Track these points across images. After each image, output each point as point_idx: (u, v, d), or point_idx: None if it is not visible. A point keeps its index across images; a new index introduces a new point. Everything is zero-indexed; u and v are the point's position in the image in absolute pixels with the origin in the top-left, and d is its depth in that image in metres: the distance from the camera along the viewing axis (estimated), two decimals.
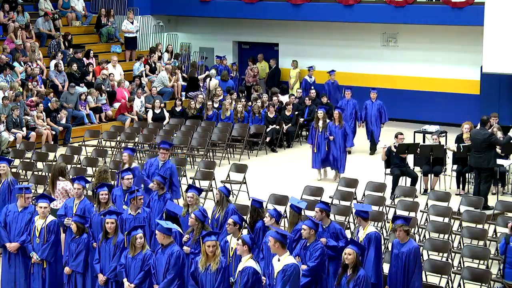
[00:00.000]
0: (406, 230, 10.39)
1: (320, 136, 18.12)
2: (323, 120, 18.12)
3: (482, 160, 15.56)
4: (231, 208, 11.90)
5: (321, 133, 18.11)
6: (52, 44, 24.68)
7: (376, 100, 20.79)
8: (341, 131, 18.07)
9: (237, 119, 21.60)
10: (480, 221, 13.70)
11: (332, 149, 18.07)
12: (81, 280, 11.07)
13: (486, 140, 15.57)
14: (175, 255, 10.09)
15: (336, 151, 18.06)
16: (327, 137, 18.02)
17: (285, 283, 9.34)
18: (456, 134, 17.75)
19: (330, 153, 18.08)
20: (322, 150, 18.09)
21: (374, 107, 20.78)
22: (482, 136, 15.64)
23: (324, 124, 18.09)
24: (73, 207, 11.84)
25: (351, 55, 25.64)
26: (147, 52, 26.46)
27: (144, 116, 22.83)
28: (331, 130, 18.06)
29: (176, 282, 10.07)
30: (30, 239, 11.34)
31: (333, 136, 18.02)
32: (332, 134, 18.04)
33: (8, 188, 13.07)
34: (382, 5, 24.14)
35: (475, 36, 22.50)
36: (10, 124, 20.44)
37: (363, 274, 9.62)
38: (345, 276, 9.62)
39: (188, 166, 19.03)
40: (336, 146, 18.05)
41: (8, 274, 11.59)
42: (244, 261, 9.56)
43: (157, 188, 12.59)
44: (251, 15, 26.41)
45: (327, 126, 18.09)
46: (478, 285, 11.56)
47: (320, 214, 10.96)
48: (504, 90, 22.82)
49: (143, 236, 10.37)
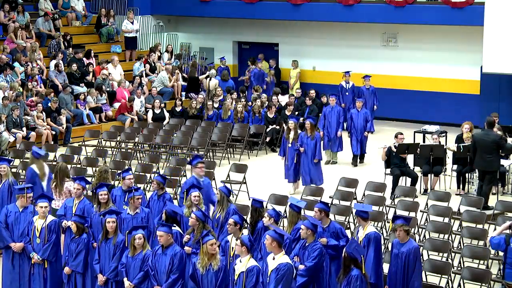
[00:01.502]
0: (406, 230, 10.40)
1: (291, 148, 17.20)
2: (294, 131, 17.18)
3: (491, 162, 15.39)
4: (232, 208, 11.90)
5: (292, 145, 17.18)
6: (52, 44, 24.68)
7: (362, 109, 19.84)
8: (312, 143, 17.02)
9: (237, 119, 21.60)
10: (480, 221, 13.71)
11: (303, 161, 17.11)
12: (81, 280, 11.08)
13: (497, 142, 15.43)
14: (178, 255, 10.14)
15: (307, 163, 17.06)
16: (297, 148, 17.08)
17: (278, 282, 9.37)
18: (456, 134, 17.75)
19: (301, 165, 17.14)
20: (292, 163, 17.22)
21: (360, 116, 19.80)
22: (492, 138, 15.43)
23: (296, 136, 17.14)
24: (73, 207, 11.84)
25: (351, 55, 25.63)
26: (147, 52, 26.46)
27: (144, 116, 22.83)
28: (302, 141, 17.07)
29: (180, 282, 10.13)
30: (29, 239, 11.34)
31: (304, 147, 17.04)
32: (303, 145, 17.06)
33: (9, 188, 13.06)
34: (382, 5, 24.14)
35: (475, 36, 22.49)
36: (10, 124, 20.44)
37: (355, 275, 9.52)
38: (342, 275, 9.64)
39: (188, 166, 19.00)
40: (308, 158, 17.04)
41: (12, 274, 11.57)
42: (246, 261, 9.56)
43: (157, 188, 12.59)
44: (251, 15, 26.41)
45: (299, 137, 17.13)
46: (478, 285, 11.56)
47: (320, 214, 10.96)
48: (504, 90, 22.82)
49: (142, 236, 10.36)
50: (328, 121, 19.81)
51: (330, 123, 19.73)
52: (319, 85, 24.96)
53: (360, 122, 19.67)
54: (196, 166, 13.12)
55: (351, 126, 19.84)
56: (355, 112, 19.93)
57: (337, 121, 19.72)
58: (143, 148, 20.62)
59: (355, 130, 19.74)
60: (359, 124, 19.67)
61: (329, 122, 19.75)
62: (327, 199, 14.54)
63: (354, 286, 9.46)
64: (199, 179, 12.98)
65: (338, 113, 19.84)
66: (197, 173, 13.09)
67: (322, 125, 19.85)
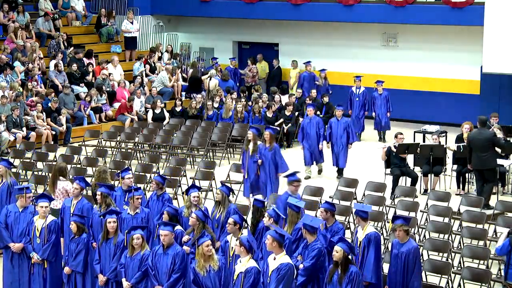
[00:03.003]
0: (406, 230, 10.40)
1: (250, 159, 16.07)
2: (254, 142, 16.05)
3: (487, 161, 15.48)
4: (233, 208, 11.91)
5: (252, 156, 16.07)
6: (52, 44, 24.69)
7: (342, 118, 18.40)
8: (270, 154, 15.87)
9: (237, 119, 21.60)
10: (480, 221, 13.70)
11: (261, 174, 16.00)
12: (81, 280, 11.08)
13: (490, 139, 15.53)
14: (180, 254, 10.15)
15: (265, 176, 15.94)
16: (256, 160, 15.99)
17: (279, 282, 9.37)
18: (456, 134, 17.74)
19: (260, 178, 16.01)
20: (252, 176, 16.07)
21: (340, 126, 18.29)
22: (485, 135, 15.56)
23: (255, 147, 16.02)
24: (71, 207, 11.83)
25: (351, 55, 25.63)
26: (147, 52, 26.46)
27: (144, 116, 22.83)
28: (261, 153, 15.98)
29: (182, 281, 10.15)
30: (29, 239, 11.33)
31: (262, 159, 15.95)
32: (261, 157, 15.96)
33: (8, 189, 13.03)
34: (382, 5, 24.14)
35: (475, 36, 22.49)
36: (10, 124, 20.44)
37: (355, 271, 9.65)
38: (336, 273, 9.64)
39: (188, 166, 19.02)
40: (266, 170, 15.90)
41: (11, 274, 11.58)
42: (246, 261, 9.56)
43: (156, 188, 12.59)
44: (251, 15, 26.41)
45: (258, 148, 16.02)
46: (478, 285, 11.56)
47: (325, 214, 11.00)
48: (504, 90, 22.81)
49: (140, 236, 10.35)
50: (306, 133, 18.43)
51: (309, 135, 18.36)
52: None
53: (340, 133, 18.29)
54: (292, 184, 12.46)
55: (330, 137, 18.45)
56: (334, 121, 18.46)
57: (317, 133, 18.35)
58: (143, 148, 20.61)
59: (335, 141, 18.37)
60: (338, 135, 18.28)
61: (308, 134, 18.38)
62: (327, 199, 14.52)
63: (357, 282, 9.57)
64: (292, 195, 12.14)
65: (317, 125, 18.41)
66: (291, 190, 12.38)
67: (300, 138, 18.61)
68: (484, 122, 15.89)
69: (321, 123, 18.60)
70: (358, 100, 22.51)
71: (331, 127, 18.43)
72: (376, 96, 22.27)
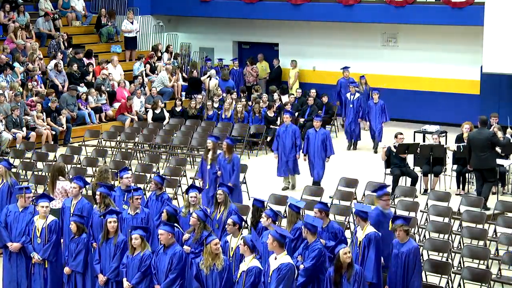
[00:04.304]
0: (406, 230, 10.41)
1: (210, 170, 15.19)
2: (213, 151, 15.27)
3: (486, 160, 15.50)
4: (233, 208, 11.91)
5: (211, 167, 15.20)
6: (52, 44, 24.69)
7: (320, 129, 17.24)
8: (229, 166, 15.01)
9: (237, 119, 21.60)
10: (480, 221, 13.71)
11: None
12: (81, 280, 11.08)
13: (490, 139, 15.54)
14: (177, 255, 10.14)
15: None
16: (216, 171, 15.13)
17: (279, 281, 9.38)
18: (456, 134, 17.74)
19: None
20: (211, 187, 14.98)
21: (318, 137, 17.10)
22: (484, 135, 15.58)
23: (214, 156, 15.23)
24: (71, 207, 11.84)
25: (351, 55, 25.62)
26: (147, 52, 26.46)
27: (144, 116, 22.84)
28: (220, 164, 15.15)
29: (178, 282, 10.13)
30: (30, 239, 11.34)
31: (221, 171, 15.09)
32: (220, 168, 15.12)
33: (8, 189, 13.03)
34: (382, 5, 24.15)
35: (475, 36, 22.49)
36: (10, 124, 20.44)
37: (359, 270, 9.74)
38: (344, 276, 9.63)
39: (188, 166, 19.02)
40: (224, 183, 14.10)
41: (10, 274, 11.60)
42: (248, 261, 9.59)
43: (155, 189, 12.59)
44: (251, 15, 26.41)
45: (217, 158, 15.23)
46: (478, 285, 11.56)
47: (320, 214, 10.98)
48: (504, 90, 22.81)
49: (139, 237, 10.35)
50: (282, 142, 17.32)
51: (284, 145, 17.29)
52: (319, 85, 24.93)
53: (317, 144, 17.09)
54: (381, 198, 11.61)
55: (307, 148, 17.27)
56: (312, 132, 17.22)
57: (292, 143, 17.26)
58: (143, 148, 20.62)
59: (312, 153, 17.19)
60: (316, 146, 17.10)
61: (283, 144, 17.29)
62: (327, 199, 14.53)
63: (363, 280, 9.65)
64: (384, 211, 11.47)
65: (293, 133, 17.25)
66: (382, 205, 11.55)
67: (275, 147, 17.54)
68: (485, 122, 15.91)
69: (298, 132, 17.48)
70: (352, 107, 21.45)
71: (308, 138, 17.20)
72: (372, 105, 21.04)
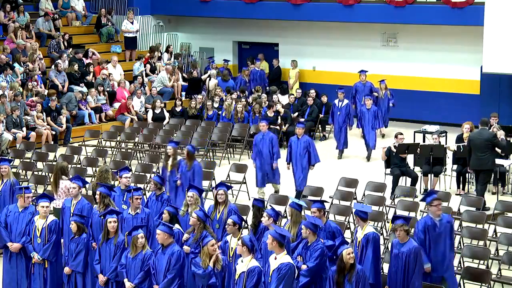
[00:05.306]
0: (406, 230, 10.42)
1: (171, 177, 14.57)
2: (173, 158, 14.71)
3: (485, 161, 15.51)
4: (233, 208, 11.92)
5: (171, 174, 14.60)
6: (52, 44, 24.69)
7: (303, 136, 16.52)
8: (189, 173, 14.41)
9: (237, 119, 21.61)
10: (480, 221, 13.71)
11: (179, 195, 14.37)
12: (81, 280, 11.09)
13: (490, 140, 15.54)
14: (176, 255, 10.13)
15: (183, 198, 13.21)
16: (176, 179, 14.55)
17: (280, 281, 9.39)
18: (456, 134, 17.75)
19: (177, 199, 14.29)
20: (172, 195, 14.34)
21: (300, 145, 16.46)
22: (485, 136, 15.58)
23: (174, 162, 14.65)
24: (71, 207, 11.84)
25: (351, 55, 25.64)
26: (147, 52, 26.45)
27: (144, 116, 22.84)
28: (181, 171, 14.53)
29: (176, 282, 10.12)
30: (30, 239, 11.34)
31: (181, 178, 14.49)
32: (181, 176, 14.49)
33: (10, 188, 13.06)
34: (382, 5, 24.15)
35: (475, 36, 22.50)
36: (10, 124, 20.44)
37: (360, 269, 9.74)
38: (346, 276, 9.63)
39: None
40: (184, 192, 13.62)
41: (10, 274, 11.60)
42: (248, 261, 9.58)
43: (154, 189, 12.58)
44: (251, 15, 26.42)
45: (178, 165, 14.65)
46: (478, 285, 11.56)
47: (319, 213, 10.99)
48: (504, 90, 22.82)
49: (144, 236, 10.38)
50: (259, 151, 16.84)
51: (262, 153, 16.79)
52: (319, 85, 24.94)
53: (300, 152, 16.51)
54: (431, 204, 11.04)
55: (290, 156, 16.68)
56: (294, 140, 16.61)
57: (269, 151, 16.73)
58: (143, 148, 20.62)
59: (294, 161, 16.61)
60: (298, 154, 16.52)
61: (260, 152, 16.80)
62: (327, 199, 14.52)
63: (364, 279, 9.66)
64: (435, 219, 11.03)
65: (270, 141, 16.76)
66: (433, 211, 11.04)
67: (254, 156, 17.03)
68: (486, 123, 15.94)
69: (275, 139, 16.95)
70: (340, 114, 20.60)
71: (290, 146, 16.61)
72: (364, 111, 20.45)
